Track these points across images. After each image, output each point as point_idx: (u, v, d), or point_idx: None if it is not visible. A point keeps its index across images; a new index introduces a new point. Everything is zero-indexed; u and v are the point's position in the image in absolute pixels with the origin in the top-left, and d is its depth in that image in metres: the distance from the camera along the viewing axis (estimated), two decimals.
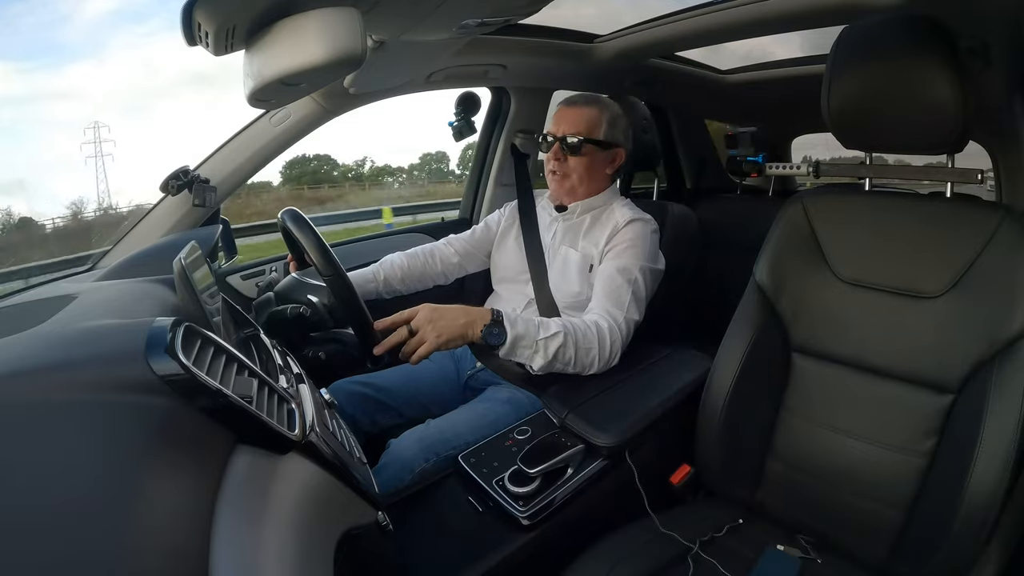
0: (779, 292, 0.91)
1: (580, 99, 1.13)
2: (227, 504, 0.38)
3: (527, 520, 0.77)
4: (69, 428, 0.36)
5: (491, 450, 0.88)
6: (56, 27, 32.69)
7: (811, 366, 0.89)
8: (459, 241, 1.26)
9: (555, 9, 0.84)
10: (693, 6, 1.19)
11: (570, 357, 0.90)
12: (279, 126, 1.17)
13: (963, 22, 0.80)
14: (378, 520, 0.61)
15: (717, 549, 0.79)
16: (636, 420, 0.87)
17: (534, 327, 0.88)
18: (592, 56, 1.41)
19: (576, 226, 1.13)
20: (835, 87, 0.82)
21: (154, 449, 0.37)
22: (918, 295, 0.79)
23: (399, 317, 0.84)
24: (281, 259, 1.25)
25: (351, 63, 0.61)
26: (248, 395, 0.44)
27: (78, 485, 0.34)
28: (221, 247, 1.04)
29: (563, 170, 1.10)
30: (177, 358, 0.39)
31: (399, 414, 1.10)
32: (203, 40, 0.60)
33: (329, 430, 0.60)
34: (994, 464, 0.67)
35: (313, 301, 0.89)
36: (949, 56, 0.72)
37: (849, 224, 0.88)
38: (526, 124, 1.59)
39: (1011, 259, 0.73)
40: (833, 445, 0.85)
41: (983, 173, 0.86)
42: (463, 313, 0.85)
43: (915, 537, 0.76)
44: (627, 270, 1.01)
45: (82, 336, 0.46)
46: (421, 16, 0.76)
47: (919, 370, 0.78)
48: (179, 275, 0.55)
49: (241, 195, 6.64)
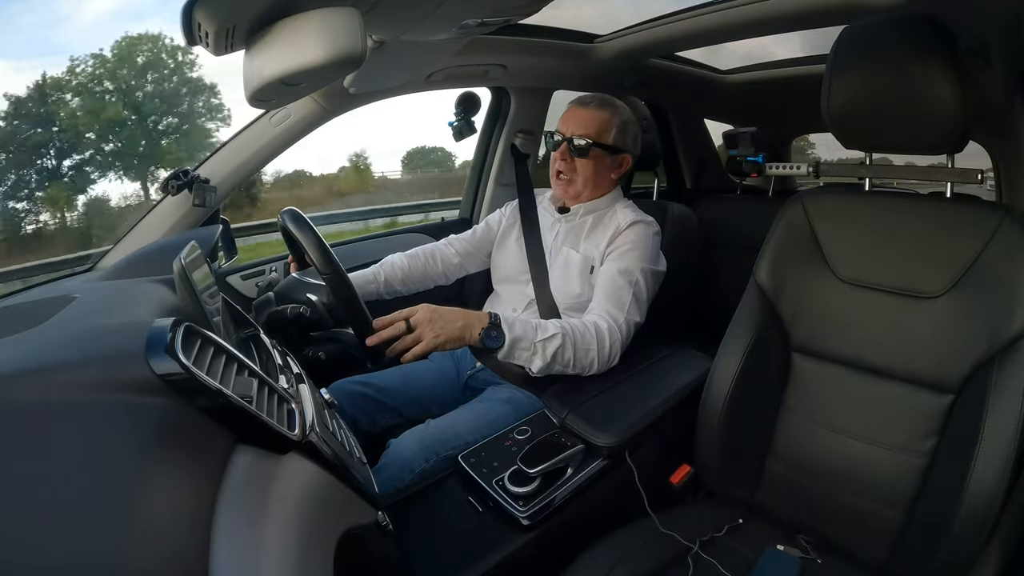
0: (779, 292, 0.91)
1: (592, 100, 1.11)
2: (227, 504, 0.38)
3: (527, 520, 0.77)
4: (69, 428, 0.36)
5: (491, 450, 0.88)
6: (56, 26, 32.62)
7: (811, 366, 0.89)
8: (460, 241, 1.26)
9: (555, 9, 0.84)
10: (693, 6, 1.19)
11: (569, 358, 0.90)
12: (279, 126, 1.17)
13: (963, 22, 0.80)
14: (378, 520, 0.61)
15: (717, 549, 0.79)
16: (636, 420, 0.87)
17: (532, 329, 0.88)
18: (592, 56, 1.41)
19: (578, 227, 1.13)
20: (835, 87, 0.82)
21: (154, 449, 0.37)
22: (918, 295, 0.79)
23: (398, 315, 0.84)
24: (281, 259, 1.25)
25: (351, 63, 0.61)
26: (248, 395, 0.44)
27: (78, 485, 0.34)
28: (221, 247, 1.04)
29: (569, 172, 1.09)
30: (177, 358, 0.39)
31: (399, 414, 1.10)
32: (203, 40, 0.60)
33: (329, 430, 0.60)
34: (994, 464, 0.67)
35: (313, 301, 0.89)
36: (949, 56, 0.72)
37: (849, 224, 0.88)
38: (526, 124, 1.59)
39: (1011, 259, 0.73)
40: (833, 445, 0.85)
41: (983, 173, 0.86)
42: (461, 316, 0.85)
43: (915, 537, 0.76)
44: (628, 271, 1.01)
45: (82, 336, 0.46)
46: (421, 16, 0.76)
47: (919, 370, 0.78)
48: (179, 275, 0.54)
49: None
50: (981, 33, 0.89)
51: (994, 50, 0.90)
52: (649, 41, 1.32)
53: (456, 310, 0.86)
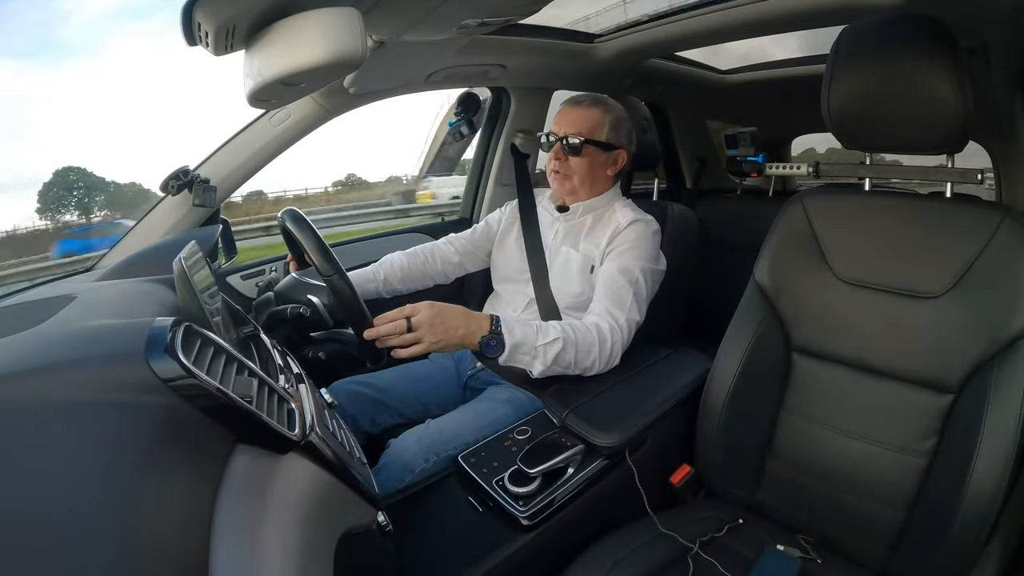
0: (779, 292, 0.91)
1: (584, 99, 1.13)
2: (227, 504, 0.38)
3: (527, 520, 0.77)
4: (69, 428, 0.36)
5: (491, 450, 0.88)
6: (57, 24, 32.60)
7: (811, 366, 0.89)
8: (459, 240, 1.26)
9: (555, 9, 0.84)
10: (693, 6, 1.19)
11: (570, 361, 0.90)
12: (279, 126, 1.17)
13: (963, 22, 0.80)
14: (378, 520, 0.61)
15: (717, 549, 0.79)
16: (636, 420, 0.87)
17: (532, 333, 0.87)
18: (592, 56, 1.41)
19: (577, 227, 1.13)
20: (835, 87, 0.82)
21: (154, 449, 0.37)
22: (918, 295, 0.79)
23: (400, 312, 0.83)
24: (281, 259, 1.25)
25: (351, 63, 0.61)
26: (248, 395, 0.43)
27: (78, 485, 0.34)
28: (221, 247, 1.04)
29: (564, 171, 1.10)
30: (177, 358, 0.39)
31: (399, 414, 1.10)
32: (203, 40, 0.60)
33: (329, 430, 0.60)
34: (994, 464, 0.67)
35: (313, 301, 0.89)
36: (949, 56, 0.72)
37: (849, 224, 0.88)
38: (526, 124, 1.59)
39: (1011, 259, 0.73)
40: (833, 445, 0.85)
41: (983, 173, 0.86)
42: (463, 322, 0.84)
43: (915, 537, 0.76)
44: (629, 271, 1.01)
45: (82, 336, 0.46)
46: (421, 16, 0.77)
47: (919, 370, 0.78)
48: (179, 275, 0.54)
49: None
50: (981, 33, 0.89)
51: (994, 50, 0.91)
52: (649, 41, 1.32)
53: (459, 313, 0.85)
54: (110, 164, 15.71)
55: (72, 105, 17.42)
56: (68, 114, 16.50)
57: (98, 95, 20.13)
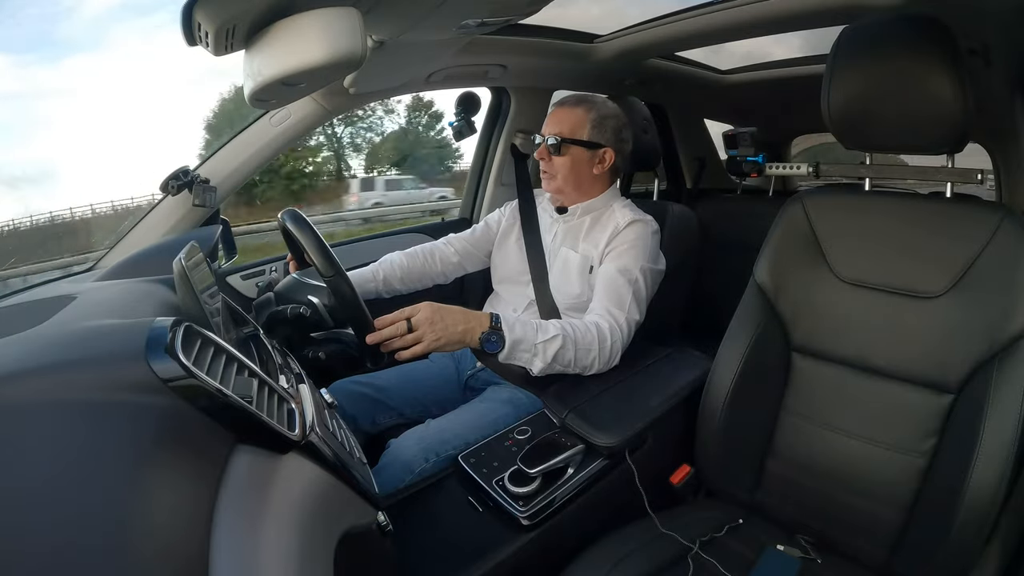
0: (779, 292, 0.91)
1: (569, 100, 1.13)
2: (227, 504, 0.38)
3: (527, 520, 0.77)
4: (69, 428, 0.36)
5: (491, 450, 0.88)
6: (59, 20, 32.37)
7: (811, 366, 0.89)
8: (459, 240, 1.26)
9: (555, 9, 0.84)
10: (693, 6, 1.19)
11: (569, 359, 0.90)
12: (279, 126, 1.17)
13: (963, 22, 0.80)
14: (378, 520, 0.61)
15: (717, 549, 0.79)
16: (636, 420, 0.87)
17: (532, 331, 0.88)
18: (592, 56, 1.41)
19: (576, 228, 1.13)
20: (835, 87, 0.82)
21: (154, 449, 0.37)
22: (918, 295, 0.79)
23: (400, 314, 0.84)
24: (281, 259, 1.25)
25: (351, 63, 0.62)
26: (248, 395, 0.43)
27: (78, 485, 0.34)
28: (221, 247, 1.04)
29: (550, 170, 1.10)
30: (177, 358, 0.39)
31: (399, 414, 1.10)
32: (203, 40, 0.60)
33: (329, 430, 0.60)
34: (994, 464, 0.67)
35: (313, 301, 0.89)
36: (949, 56, 0.72)
37: (849, 224, 0.88)
38: (526, 124, 1.59)
39: (1011, 259, 0.73)
40: (833, 445, 0.85)
41: (983, 173, 0.87)
42: (463, 319, 0.85)
43: (915, 537, 0.76)
44: (628, 270, 1.01)
45: (82, 336, 0.46)
46: (421, 16, 0.77)
47: (919, 370, 0.78)
48: (179, 275, 0.54)
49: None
50: (981, 33, 0.89)
51: (994, 50, 0.91)
52: (649, 41, 1.32)
53: (458, 311, 0.86)
54: (110, 165, 15.69)
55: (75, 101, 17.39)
56: (68, 111, 16.50)
57: (101, 90, 20.09)
